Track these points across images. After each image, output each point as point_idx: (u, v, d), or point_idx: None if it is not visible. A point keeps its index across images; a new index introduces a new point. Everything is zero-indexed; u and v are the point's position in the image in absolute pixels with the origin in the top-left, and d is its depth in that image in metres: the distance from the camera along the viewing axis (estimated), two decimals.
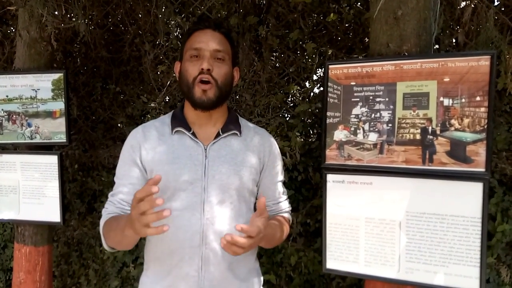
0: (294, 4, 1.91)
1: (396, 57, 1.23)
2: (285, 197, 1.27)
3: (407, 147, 1.23)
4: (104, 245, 1.08)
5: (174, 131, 1.13)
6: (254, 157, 1.16)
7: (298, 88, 2.09)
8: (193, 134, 1.12)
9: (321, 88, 2.02)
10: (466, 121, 1.16)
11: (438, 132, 1.19)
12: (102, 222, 1.09)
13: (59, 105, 1.89)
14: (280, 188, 1.25)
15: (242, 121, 1.23)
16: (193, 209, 1.07)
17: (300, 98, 2.08)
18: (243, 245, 0.89)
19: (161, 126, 1.16)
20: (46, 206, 1.92)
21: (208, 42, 1.09)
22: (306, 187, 2.10)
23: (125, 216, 0.95)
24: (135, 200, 0.80)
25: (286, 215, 1.26)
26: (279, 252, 2.12)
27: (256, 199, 1.23)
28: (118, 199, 1.10)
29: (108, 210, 1.10)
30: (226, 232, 1.09)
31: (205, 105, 1.09)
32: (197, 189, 1.08)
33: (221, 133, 1.14)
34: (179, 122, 1.15)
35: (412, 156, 1.22)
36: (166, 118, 1.19)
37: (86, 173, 2.53)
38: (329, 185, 1.35)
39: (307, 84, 2.10)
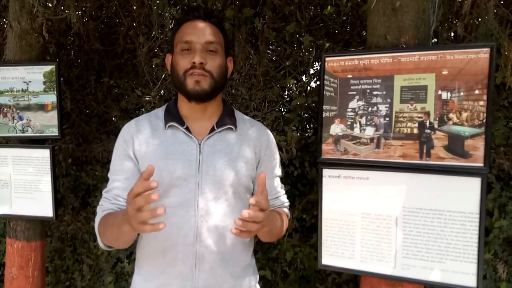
0: None
1: (394, 50, 1.21)
2: (282, 191, 1.24)
3: (404, 141, 1.21)
4: (100, 244, 1.04)
5: (167, 125, 1.10)
6: (250, 151, 1.13)
7: (295, 82, 2.06)
8: (187, 129, 1.09)
9: (318, 82, 2.00)
10: (464, 115, 1.14)
11: (436, 126, 1.17)
12: (97, 220, 1.05)
13: (51, 98, 1.86)
14: (278, 182, 1.22)
15: (238, 114, 1.20)
16: (187, 205, 1.04)
17: (297, 92, 2.06)
18: (258, 218, 0.83)
19: (155, 120, 1.13)
20: (39, 201, 1.89)
21: (199, 34, 1.05)
22: (302, 182, 2.08)
23: (122, 212, 0.91)
24: (132, 195, 0.77)
25: (285, 209, 1.24)
26: (275, 248, 2.11)
27: (252, 195, 1.20)
28: (113, 195, 1.07)
29: (104, 207, 1.07)
30: (220, 229, 1.07)
31: (200, 95, 1.05)
32: (191, 185, 1.05)
33: (215, 128, 1.10)
34: (173, 117, 1.11)
35: (410, 151, 1.20)
36: (160, 112, 1.16)
37: (79, 168, 2.51)
38: (325, 180, 1.33)
39: (303, 78, 2.08)
